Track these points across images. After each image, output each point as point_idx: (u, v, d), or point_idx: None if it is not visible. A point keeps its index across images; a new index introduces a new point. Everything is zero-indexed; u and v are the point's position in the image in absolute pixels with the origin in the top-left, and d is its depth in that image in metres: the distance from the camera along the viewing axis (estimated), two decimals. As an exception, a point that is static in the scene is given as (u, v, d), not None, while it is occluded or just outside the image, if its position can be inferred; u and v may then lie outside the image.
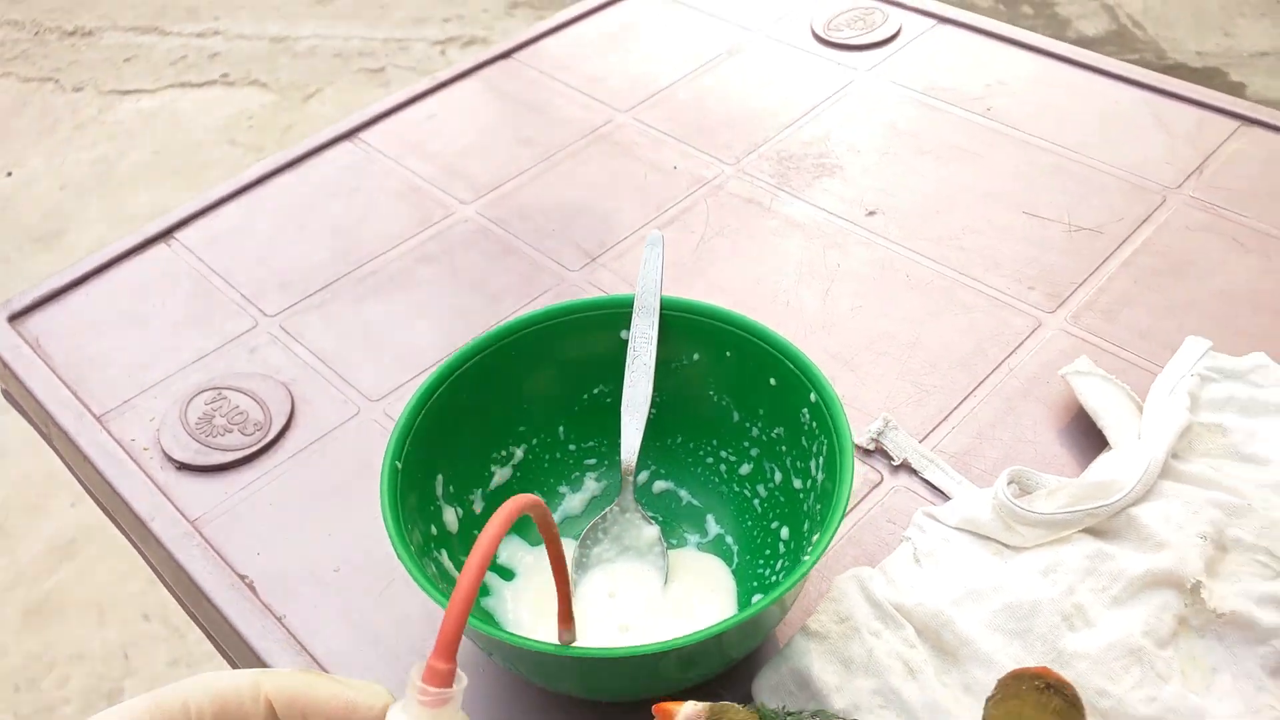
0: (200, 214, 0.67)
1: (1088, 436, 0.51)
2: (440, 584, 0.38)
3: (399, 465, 0.40)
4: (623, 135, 0.72)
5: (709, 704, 0.33)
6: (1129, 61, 0.73)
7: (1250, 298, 0.57)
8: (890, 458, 0.51)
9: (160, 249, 0.65)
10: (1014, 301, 0.58)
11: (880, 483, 0.50)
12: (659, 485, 0.48)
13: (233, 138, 2.26)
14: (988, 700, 0.33)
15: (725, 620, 0.35)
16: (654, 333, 0.45)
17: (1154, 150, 0.67)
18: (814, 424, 0.42)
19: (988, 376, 0.54)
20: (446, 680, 0.28)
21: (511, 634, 0.37)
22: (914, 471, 0.50)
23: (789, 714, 0.35)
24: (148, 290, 0.62)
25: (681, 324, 0.46)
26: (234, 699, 0.28)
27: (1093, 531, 0.45)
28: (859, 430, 0.51)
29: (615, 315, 0.46)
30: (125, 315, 0.61)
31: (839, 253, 0.62)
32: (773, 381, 0.44)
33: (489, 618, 0.43)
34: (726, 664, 0.40)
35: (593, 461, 0.49)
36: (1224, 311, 0.57)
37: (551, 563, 0.35)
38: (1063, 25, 2.29)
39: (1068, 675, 0.40)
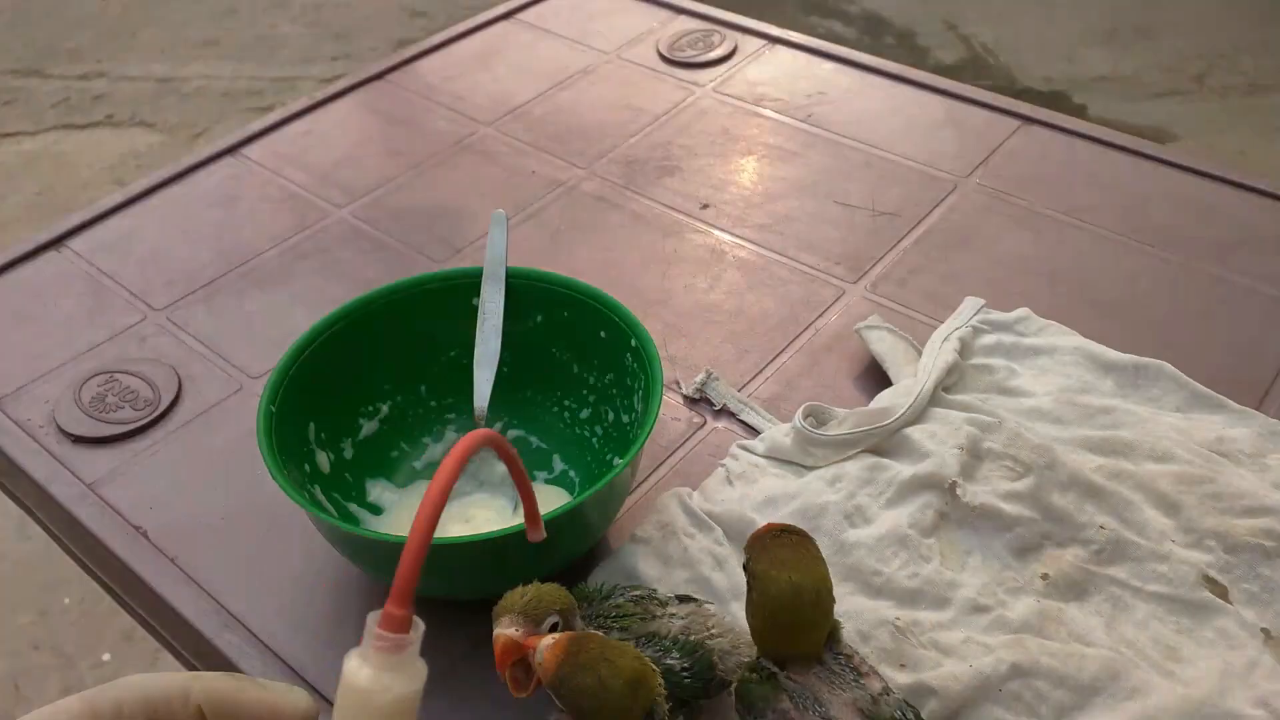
0: (89, 223, 0.72)
1: (877, 381, 0.60)
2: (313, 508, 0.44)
3: (273, 409, 0.46)
4: (485, 145, 0.80)
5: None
6: (982, 87, 0.84)
7: (1021, 264, 0.67)
8: (712, 404, 0.59)
9: (50, 255, 0.70)
10: (822, 275, 0.67)
11: (704, 425, 0.58)
12: (511, 433, 0.56)
13: (120, 177, 2.26)
14: (746, 563, 0.40)
15: (557, 508, 0.42)
16: (501, 298, 0.53)
17: (948, 146, 0.78)
18: (635, 365, 0.50)
19: (797, 336, 0.63)
20: (404, 626, 0.28)
21: (368, 530, 0.44)
22: (732, 415, 0.58)
23: (603, 595, 0.42)
24: (40, 292, 0.67)
25: (525, 290, 0.53)
26: (164, 703, 0.30)
27: (873, 450, 0.54)
28: (686, 383, 0.59)
29: (466, 285, 0.53)
30: (18, 314, 0.66)
31: (676, 240, 0.70)
32: (603, 334, 0.52)
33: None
34: (565, 557, 0.46)
35: (452, 416, 0.56)
36: (999, 276, 0.66)
37: (515, 478, 0.36)
38: (922, 54, 2.46)
39: (848, 562, 0.49)
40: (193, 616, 0.48)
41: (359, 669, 0.29)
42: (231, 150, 0.79)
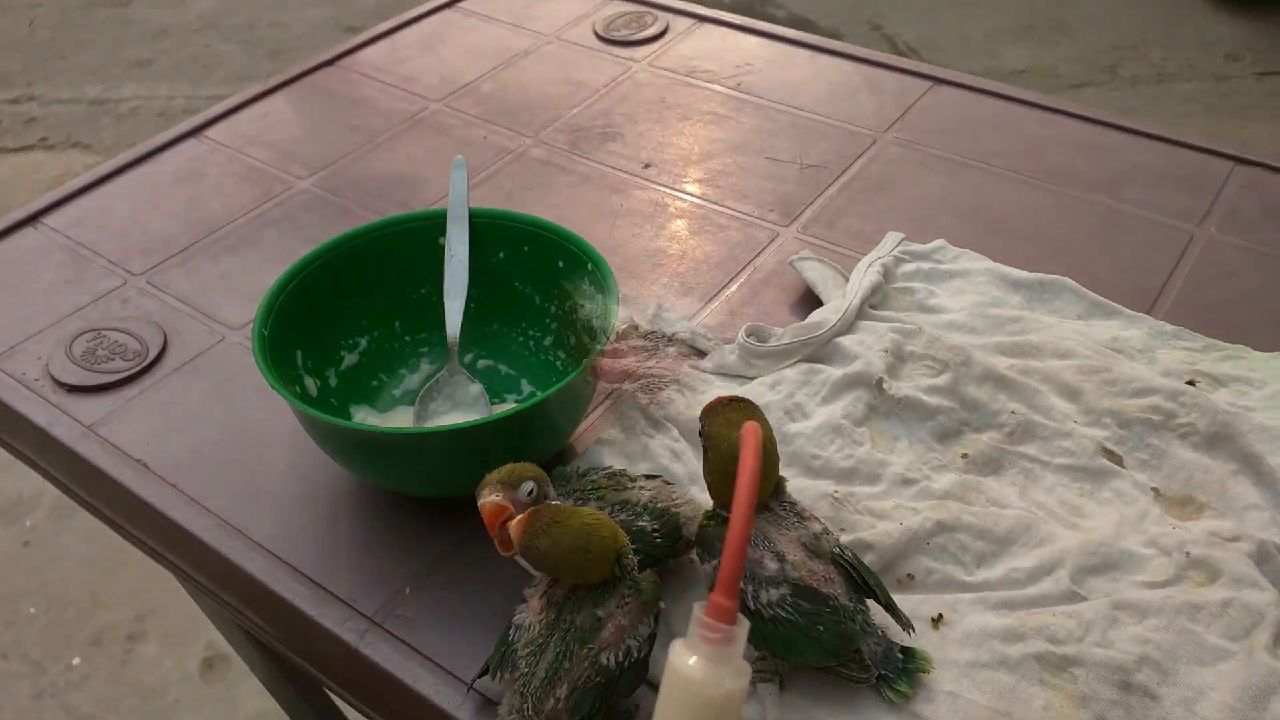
0: (61, 202, 0.76)
1: (811, 308, 0.65)
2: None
3: (265, 333, 0.51)
4: (436, 120, 0.85)
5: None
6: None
7: (935, 204, 0.74)
8: (664, 333, 0.64)
9: (27, 231, 0.73)
10: (758, 221, 0.73)
11: (656, 350, 0.63)
12: (482, 364, 0.61)
13: (58, 196, 2.25)
14: (702, 429, 0.45)
15: (526, 400, 0.47)
16: (465, 235, 0.58)
17: (866, 106, 0.85)
18: (593, 288, 0.55)
19: (738, 273, 0.69)
20: (732, 618, 0.29)
21: (361, 424, 0.48)
22: (682, 341, 0.64)
23: (580, 474, 0.48)
24: (20, 265, 0.71)
25: (487, 228, 0.59)
26: None
27: (808, 359, 0.60)
28: (639, 316, 0.65)
29: (433, 225, 0.58)
30: (1, 286, 0.69)
31: (621, 196, 0.76)
32: (561, 264, 0.57)
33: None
34: (539, 453, 0.51)
35: (425, 349, 0.60)
36: (916, 215, 0.73)
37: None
38: (844, 53, 2.55)
39: (789, 449, 0.54)
40: (199, 531, 0.52)
41: (687, 659, 0.30)
42: (193, 133, 0.83)
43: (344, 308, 0.57)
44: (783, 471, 0.53)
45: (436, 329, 0.60)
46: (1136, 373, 0.58)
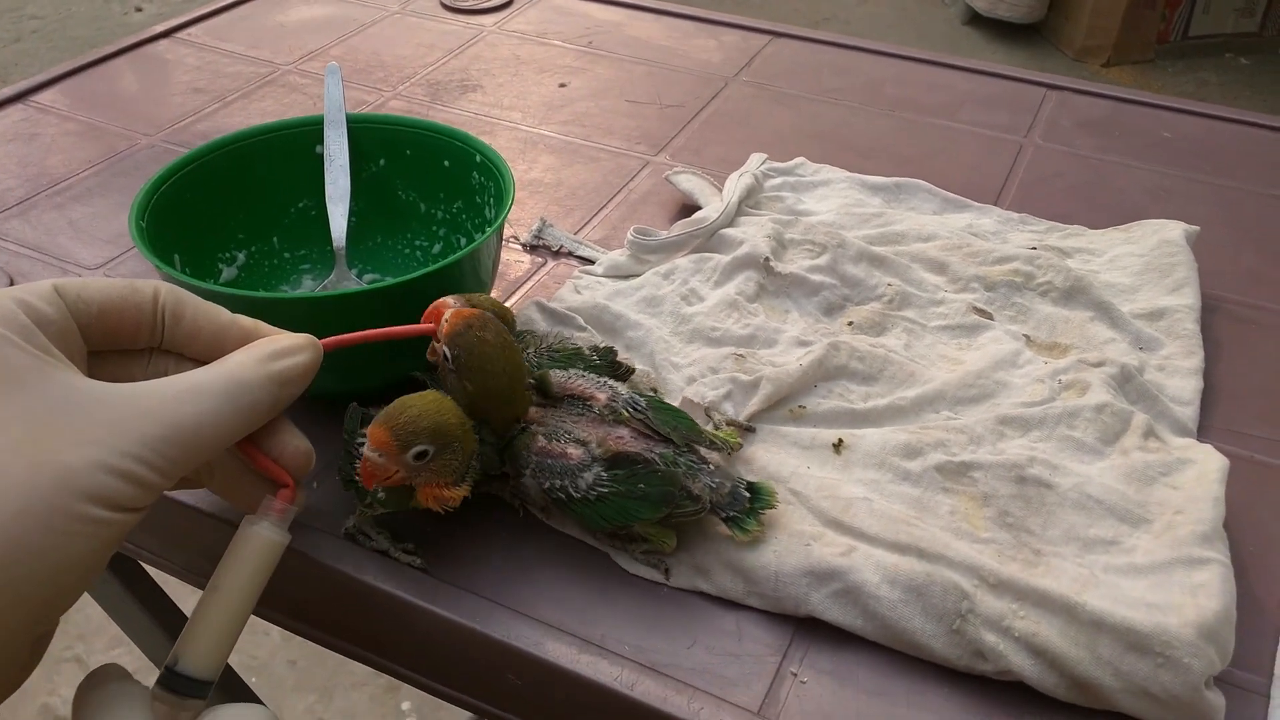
0: (-126, 165, 0.69)
1: (689, 216, 0.67)
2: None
3: (143, 225, 0.48)
4: (288, 80, 0.83)
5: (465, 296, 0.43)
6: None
7: (789, 132, 0.78)
8: (550, 247, 0.65)
9: None
10: (627, 152, 0.75)
11: (544, 264, 0.64)
12: (368, 278, 0.59)
13: None
14: (457, 359, 0.41)
15: (430, 267, 0.46)
16: (344, 141, 0.57)
17: (714, 57, 0.88)
18: (482, 178, 0.55)
19: (614, 195, 0.70)
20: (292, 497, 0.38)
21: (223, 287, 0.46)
22: (569, 254, 0.64)
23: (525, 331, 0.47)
24: None
25: (366, 134, 0.58)
26: (131, 293, 0.36)
27: (696, 250, 0.61)
28: (524, 234, 0.65)
29: (307, 133, 0.57)
30: None
31: (489, 137, 0.76)
32: (446, 164, 0.57)
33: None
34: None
35: (307, 266, 0.58)
36: (775, 141, 0.77)
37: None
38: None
39: (689, 327, 0.56)
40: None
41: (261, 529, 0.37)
42: (19, 98, 0.78)
43: (218, 218, 0.55)
44: (687, 347, 0.55)
45: (317, 244, 0.58)
46: (995, 247, 0.63)
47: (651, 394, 0.46)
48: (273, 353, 0.37)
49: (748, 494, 0.43)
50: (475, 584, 0.44)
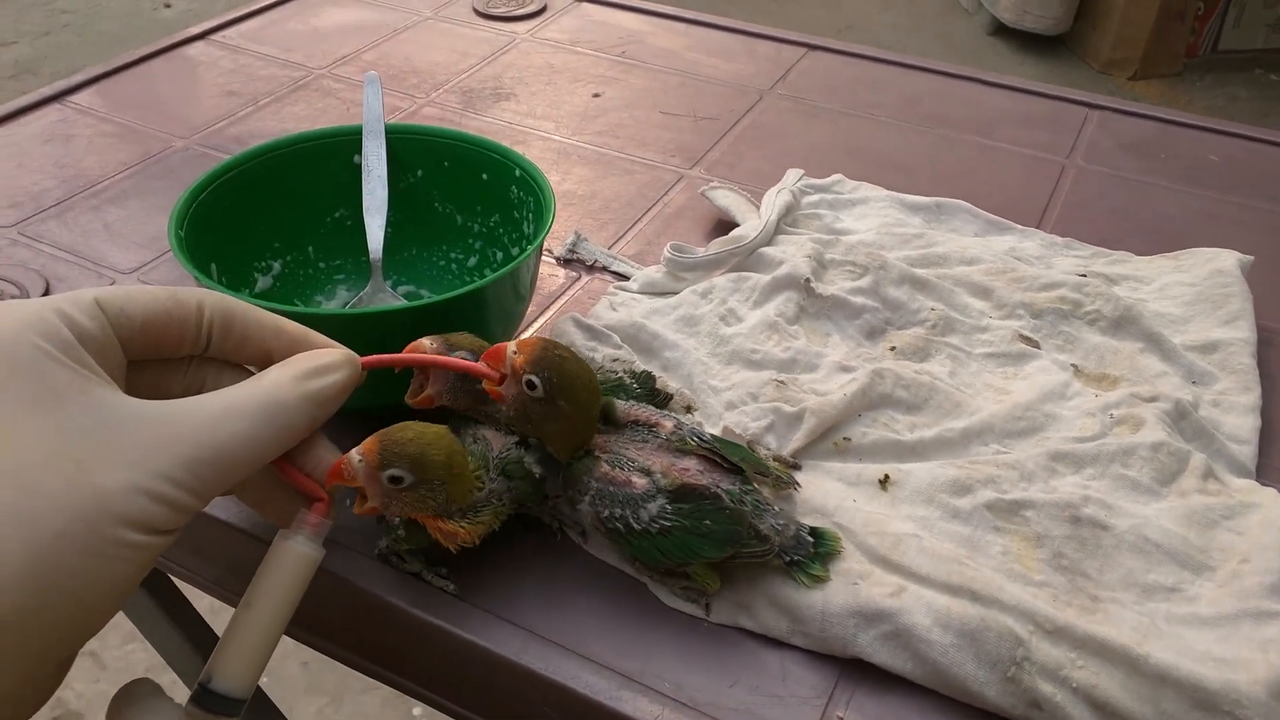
0: (-93, 163, 0.69)
1: (724, 234, 0.66)
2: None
3: (181, 234, 0.47)
4: (321, 85, 0.82)
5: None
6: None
7: (826, 147, 0.77)
8: (584, 261, 0.64)
9: None
10: (661, 165, 0.74)
11: (579, 278, 0.63)
12: (402, 289, 0.58)
13: None
14: (546, 380, 0.40)
15: (462, 289, 0.45)
16: (383, 151, 0.56)
17: (748, 69, 0.87)
18: (521, 192, 0.54)
19: (649, 209, 0.69)
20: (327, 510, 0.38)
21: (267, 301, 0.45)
22: (604, 268, 0.63)
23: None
24: None
25: (404, 144, 0.57)
26: (176, 308, 0.35)
27: (734, 269, 0.60)
28: (558, 247, 0.64)
29: (346, 142, 0.56)
30: None
31: (523, 147, 0.75)
32: (484, 176, 0.56)
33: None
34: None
35: (341, 276, 0.58)
36: (810, 156, 0.75)
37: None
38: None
39: (728, 349, 0.54)
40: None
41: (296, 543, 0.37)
42: (56, 98, 0.78)
43: (254, 227, 0.54)
44: (726, 369, 0.54)
45: (352, 255, 0.58)
46: (1040, 271, 0.61)
47: (689, 414, 0.45)
48: (310, 370, 0.36)
49: (810, 538, 0.42)
50: (510, 611, 0.43)
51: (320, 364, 0.37)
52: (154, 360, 0.36)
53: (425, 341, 0.41)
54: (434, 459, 0.38)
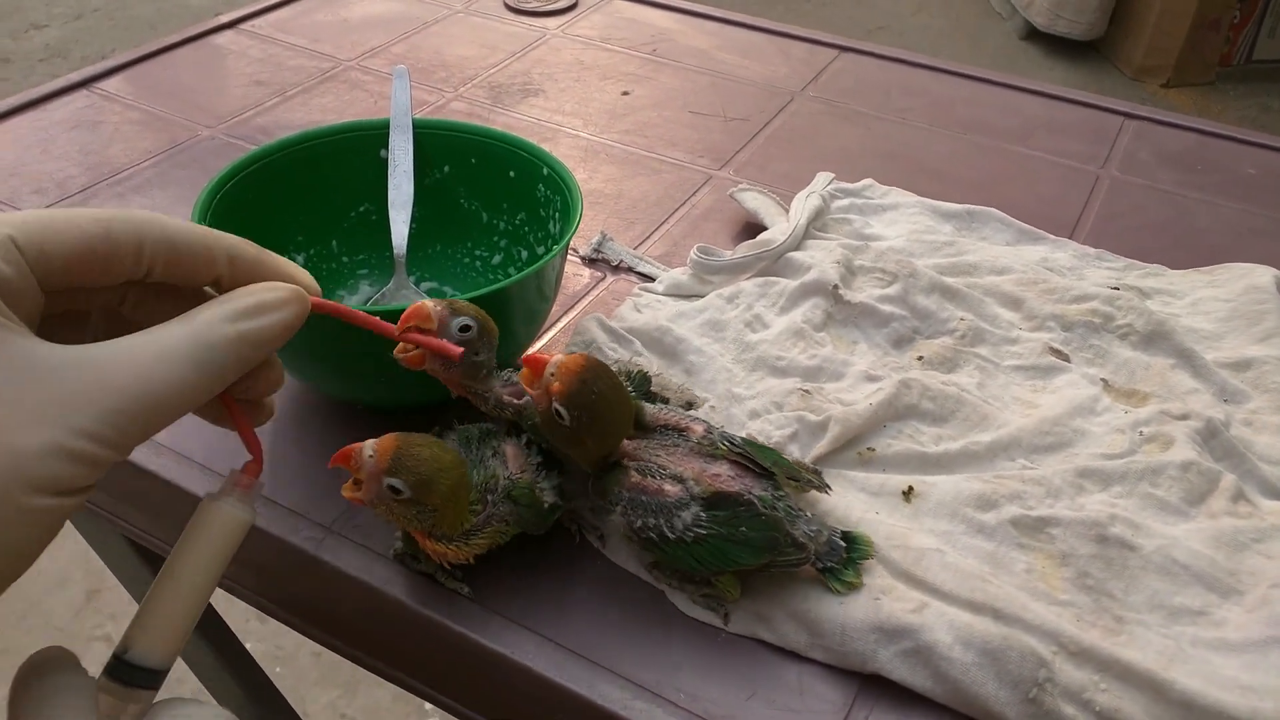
0: (-63, 146, 0.69)
1: (752, 237, 0.66)
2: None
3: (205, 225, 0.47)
4: (349, 77, 0.82)
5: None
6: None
7: (857, 151, 0.76)
8: (609, 262, 0.63)
9: (-101, 173, 0.67)
10: (690, 165, 0.73)
11: (604, 279, 0.62)
12: (425, 286, 0.58)
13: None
14: (569, 402, 0.39)
15: (486, 288, 0.44)
16: (410, 145, 0.55)
17: (780, 69, 0.86)
18: (548, 191, 0.53)
19: (677, 209, 0.69)
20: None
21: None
22: (629, 269, 0.63)
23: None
24: (-108, 205, 0.64)
25: (431, 140, 0.56)
26: (188, 252, 0.31)
27: (762, 273, 0.59)
28: (583, 247, 0.64)
29: (373, 136, 0.56)
30: None
31: (551, 144, 0.75)
32: (512, 174, 0.55)
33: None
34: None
35: (365, 271, 0.57)
36: (841, 160, 0.75)
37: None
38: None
39: (753, 355, 0.54)
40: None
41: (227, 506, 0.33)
42: (85, 84, 0.78)
43: (279, 219, 0.54)
44: (750, 376, 0.53)
45: (376, 250, 0.57)
46: (1072, 284, 0.60)
47: (691, 409, 0.44)
48: (248, 308, 0.33)
49: (843, 543, 0.41)
50: (525, 616, 0.42)
51: (259, 301, 0.33)
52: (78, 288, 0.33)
53: (428, 304, 0.40)
54: (438, 487, 0.38)
